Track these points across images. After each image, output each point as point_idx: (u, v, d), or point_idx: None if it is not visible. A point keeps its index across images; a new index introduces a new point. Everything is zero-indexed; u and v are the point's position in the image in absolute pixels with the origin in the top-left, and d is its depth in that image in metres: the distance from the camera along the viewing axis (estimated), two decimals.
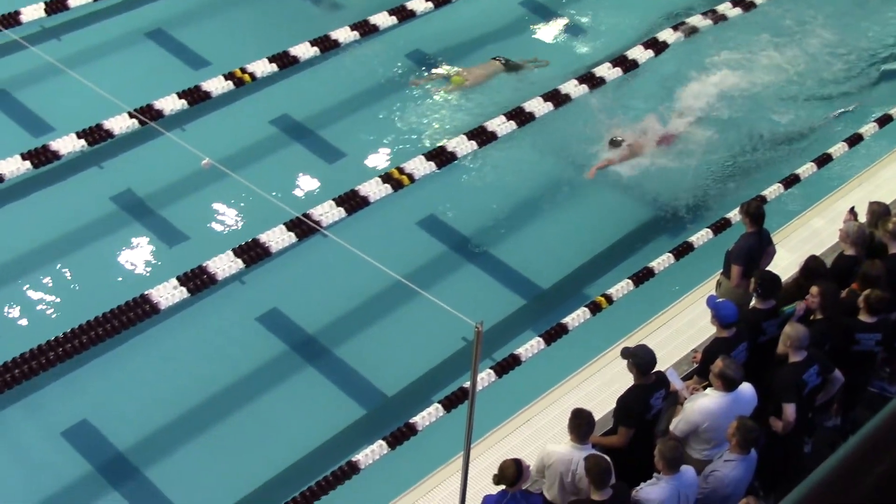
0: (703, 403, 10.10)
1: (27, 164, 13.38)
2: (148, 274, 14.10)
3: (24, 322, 13.49)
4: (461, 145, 15.79)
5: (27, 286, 13.93)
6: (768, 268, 12.15)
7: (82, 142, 13.76)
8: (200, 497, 11.95)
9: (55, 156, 13.62)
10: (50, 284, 13.99)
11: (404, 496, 11.24)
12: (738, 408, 10.12)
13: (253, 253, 13.89)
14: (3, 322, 13.46)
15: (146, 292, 13.05)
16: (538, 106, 15.80)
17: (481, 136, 15.58)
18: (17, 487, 11.85)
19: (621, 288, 13.82)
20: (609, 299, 13.69)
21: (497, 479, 9.39)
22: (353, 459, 11.57)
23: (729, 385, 10.06)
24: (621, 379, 10.87)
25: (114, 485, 11.98)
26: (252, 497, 11.86)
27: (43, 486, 11.89)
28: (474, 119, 16.27)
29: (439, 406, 12.18)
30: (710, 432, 10.16)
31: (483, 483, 10.66)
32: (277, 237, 14.12)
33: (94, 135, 13.84)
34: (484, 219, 15.52)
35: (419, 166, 15.47)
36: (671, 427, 10.24)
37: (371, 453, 11.65)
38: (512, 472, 9.26)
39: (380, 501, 11.19)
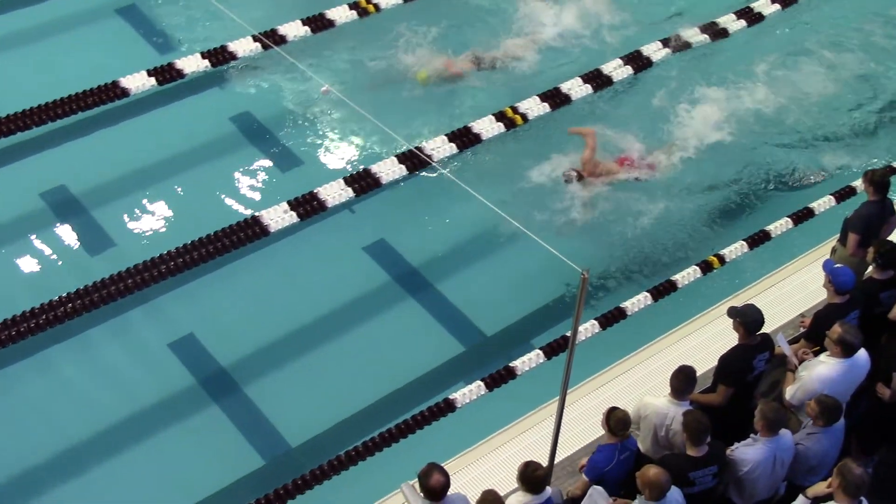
0: (822, 371, 9.85)
1: (152, 80, 13.63)
2: (260, 197, 14.27)
3: (145, 232, 13.93)
4: (576, 88, 15.66)
5: (147, 200, 14.36)
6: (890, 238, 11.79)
7: (206, 62, 13.96)
8: (297, 415, 12.20)
9: (179, 74, 13.85)
10: (167, 201, 14.36)
11: (497, 435, 11.33)
12: (854, 374, 9.91)
13: (364, 182, 14.00)
14: (123, 232, 13.92)
15: (257, 214, 13.32)
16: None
17: (597, 79, 15.35)
18: (125, 386, 12.35)
19: (735, 249, 13.58)
20: (722, 259, 13.47)
21: None
22: (451, 397, 11.66)
23: (848, 351, 9.82)
24: (724, 338, 10.72)
25: (214, 398, 12.34)
26: (351, 420, 12.11)
27: (151, 388, 12.38)
28: (591, 60, 15.99)
29: (540, 353, 12.15)
30: None
31: (577, 429, 10.77)
32: (389, 168, 14.25)
33: (218, 56, 14.01)
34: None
35: (534, 106, 15.37)
36: (787, 396, 10.01)
37: (469, 392, 11.71)
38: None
39: (473, 440, 11.29)
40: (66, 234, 13.96)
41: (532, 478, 8.78)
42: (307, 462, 11.19)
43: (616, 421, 9.40)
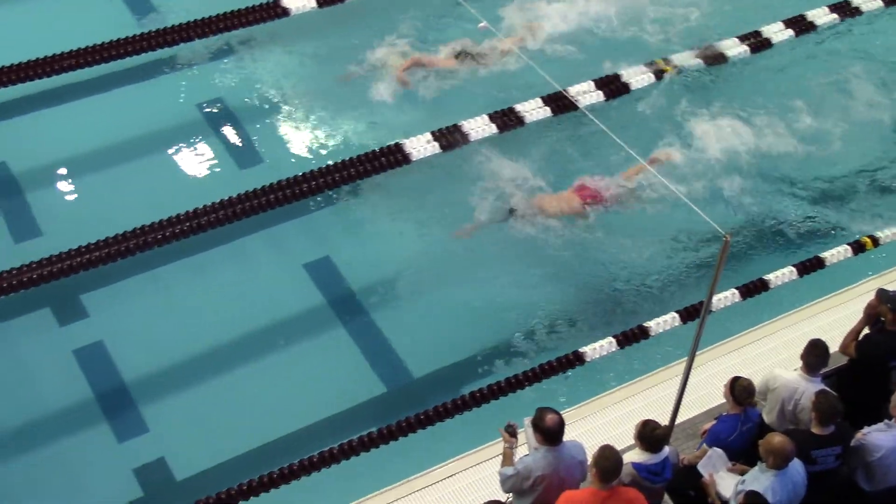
0: None
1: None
2: (404, 126, 14.23)
3: (289, 154, 14.09)
4: (734, 48, 15.27)
5: (289, 123, 14.49)
6: None
7: None
8: (431, 355, 12.24)
9: None
10: (314, 124, 14.44)
11: (619, 390, 11.30)
12: None
13: (507, 119, 14.01)
14: (270, 153, 14.08)
15: (401, 141, 13.40)
16: None
17: (752, 38, 15.25)
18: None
19: (893, 233, 13.19)
20: (875, 241, 13.04)
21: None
22: (581, 350, 11.58)
23: None
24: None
25: (344, 322, 12.51)
26: (478, 361, 12.07)
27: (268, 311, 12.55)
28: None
29: (676, 315, 11.99)
30: None
31: (701, 392, 10.62)
32: (533, 108, 14.15)
33: None
34: (748, 127, 14.78)
35: (686, 60, 15.04)
36: None
37: (599, 348, 11.64)
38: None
39: (596, 391, 11.30)
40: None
41: (651, 437, 8.73)
42: (434, 399, 11.33)
43: (740, 389, 9.26)
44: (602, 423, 10.82)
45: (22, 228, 12.85)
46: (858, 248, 12.97)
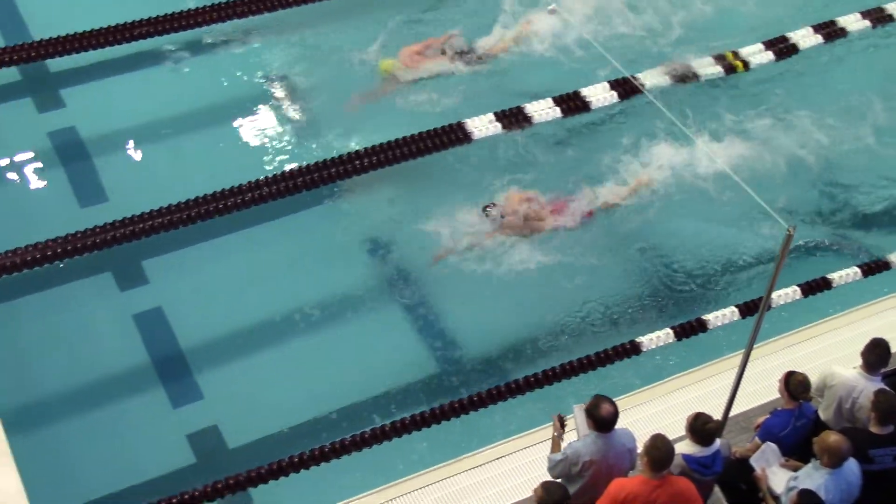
0: None
1: None
2: (465, 105, 14.15)
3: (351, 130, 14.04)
4: (807, 38, 15.06)
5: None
6: None
7: None
8: (485, 342, 12.23)
9: None
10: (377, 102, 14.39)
11: (673, 379, 11.21)
12: None
13: (572, 104, 13.96)
14: (330, 128, 14.01)
15: (462, 121, 13.41)
16: None
17: (827, 27, 15.04)
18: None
19: None
20: None
21: None
22: (638, 340, 11.56)
23: None
24: None
25: (400, 298, 12.54)
26: (537, 348, 12.03)
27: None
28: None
29: (735, 310, 11.91)
30: None
31: (757, 386, 10.49)
32: (599, 93, 14.07)
33: None
34: (817, 122, 14.52)
35: (756, 55, 14.87)
36: None
37: (656, 338, 11.60)
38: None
39: (652, 379, 11.25)
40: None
41: (702, 430, 8.63)
42: (489, 381, 11.43)
43: (796, 384, 9.14)
44: (655, 412, 10.74)
45: (88, 193, 13.02)
46: None
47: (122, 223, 11.97)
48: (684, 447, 8.69)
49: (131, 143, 13.73)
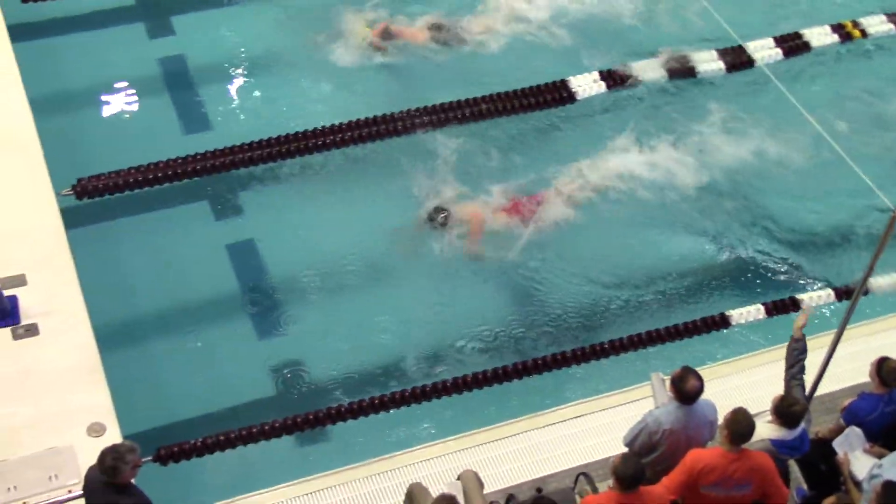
0: None
1: None
2: (571, 64, 14.02)
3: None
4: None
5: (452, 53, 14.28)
6: None
7: None
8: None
9: None
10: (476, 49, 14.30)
11: (757, 354, 11.10)
12: None
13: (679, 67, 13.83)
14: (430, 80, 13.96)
15: (566, 78, 13.32)
16: None
17: None
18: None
19: None
20: None
21: None
22: (728, 313, 11.46)
23: None
24: None
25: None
26: (627, 315, 11.92)
27: None
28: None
29: (832, 293, 11.72)
30: None
31: (846, 367, 10.30)
32: (706, 59, 13.89)
33: None
34: None
35: (876, 24, 14.48)
36: None
37: (746, 313, 11.48)
38: None
39: (740, 352, 11.16)
40: None
41: (788, 412, 8.51)
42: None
43: (888, 370, 8.95)
44: (738, 384, 10.64)
45: (192, 121, 13.22)
46: None
47: (222, 152, 12.21)
48: (771, 431, 8.55)
49: (237, 74, 13.86)
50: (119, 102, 13.28)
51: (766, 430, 8.53)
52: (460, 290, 11.89)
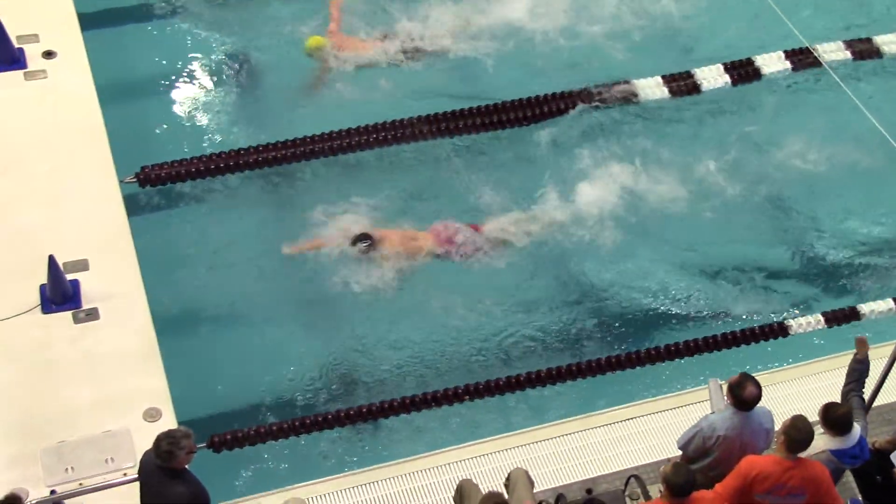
0: None
1: None
2: (634, 66, 13.87)
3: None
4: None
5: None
6: None
7: None
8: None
9: None
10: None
11: (815, 362, 10.98)
12: None
13: (743, 71, 13.65)
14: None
15: (631, 80, 13.27)
16: None
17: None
18: None
19: None
20: None
21: None
22: (787, 322, 11.35)
23: None
24: None
25: None
26: (683, 319, 11.85)
27: None
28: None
29: (892, 302, 11.53)
30: None
31: None
32: (773, 62, 13.74)
33: None
34: None
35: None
36: None
37: (806, 323, 11.36)
38: None
39: (796, 360, 11.07)
40: None
41: (834, 420, 8.30)
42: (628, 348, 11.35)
43: None
44: (796, 392, 10.55)
45: (254, 113, 13.26)
46: None
47: (283, 144, 12.31)
48: (829, 443, 8.36)
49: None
50: (184, 92, 13.37)
51: (822, 441, 8.38)
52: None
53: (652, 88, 13.32)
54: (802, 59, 13.67)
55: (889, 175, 12.78)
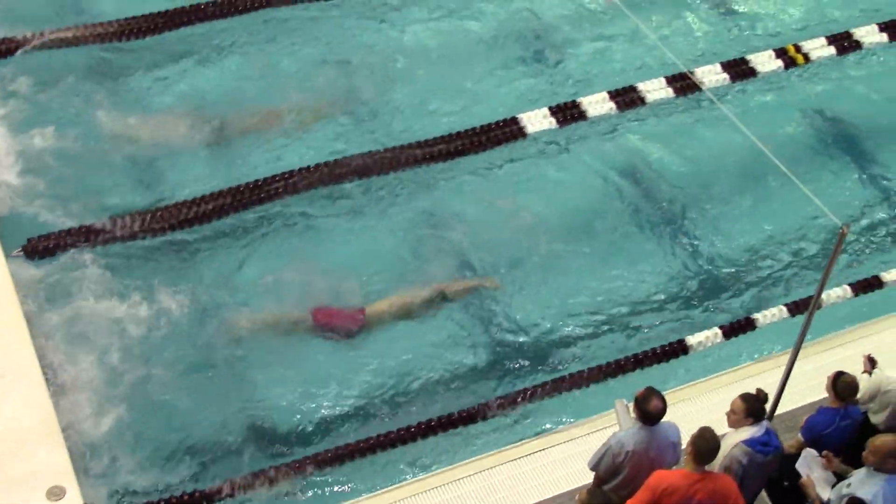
0: None
1: None
2: (522, 99, 14.04)
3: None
4: (871, 35, 14.88)
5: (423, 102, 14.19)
6: None
7: None
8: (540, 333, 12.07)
9: None
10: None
11: (719, 376, 11.14)
12: None
13: (627, 98, 13.89)
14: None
15: (517, 115, 13.39)
16: None
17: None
18: None
19: None
20: None
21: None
22: (686, 340, 11.53)
23: None
24: None
25: None
26: (585, 345, 11.87)
27: None
28: None
29: (784, 309, 11.82)
30: None
31: (804, 385, 10.36)
32: (655, 87, 14.01)
33: None
34: (875, 120, 14.41)
35: (818, 48, 14.72)
36: None
37: (705, 339, 11.56)
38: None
39: (697, 377, 11.19)
40: None
41: (758, 408, 8.60)
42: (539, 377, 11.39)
43: (843, 385, 9.07)
44: (700, 407, 10.68)
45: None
46: None
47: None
48: (742, 434, 8.58)
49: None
50: (67, 159, 12.89)
51: (736, 436, 8.60)
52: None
53: (540, 120, 13.47)
54: (683, 83, 14.00)
55: (767, 187, 13.15)
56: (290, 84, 13.79)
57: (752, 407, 8.59)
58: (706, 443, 8.02)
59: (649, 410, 8.33)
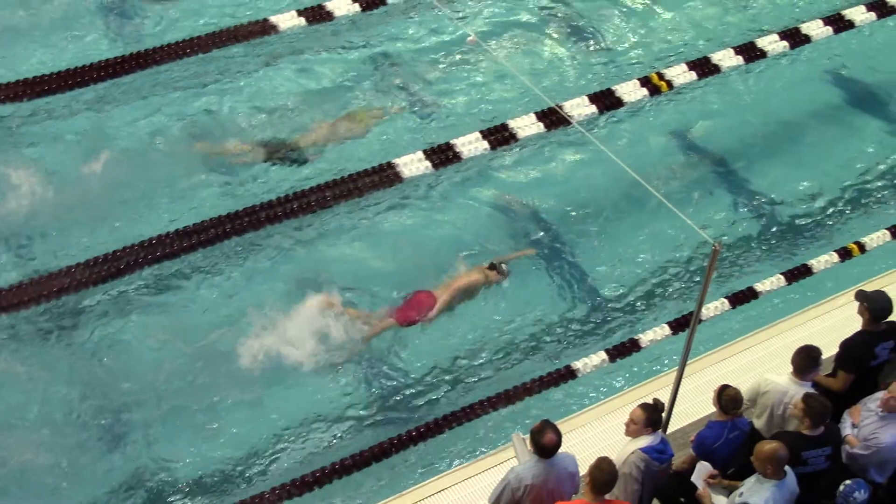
0: None
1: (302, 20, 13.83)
2: (396, 143, 14.27)
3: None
4: (728, 58, 15.33)
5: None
6: None
7: (356, 6, 14.03)
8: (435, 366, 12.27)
9: (329, 16, 13.97)
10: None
11: (609, 401, 11.35)
12: None
13: (500, 136, 14.04)
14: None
15: (393, 160, 13.45)
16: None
17: (749, 51, 14.97)
18: None
19: (878, 237, 13.28)
20: (862, 248, 13.16)
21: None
22: (573, 365, 11.69)
23: None
24: (851, 324, 10.38)
25: None
26: (473, 376, 12.12)
27: None
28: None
29: (666, 327, 12.09)
30: None
31: (693, 401, 10.65)
32: (526, 124, 14.22)
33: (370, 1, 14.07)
34: (739, 138, 15.00)
35: (680, 74, 15.10)
36: None
37: (590, 362, 11.73)
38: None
39: (587, 404, 11.41)
40: None
41: (658, 417, 8.92)
42: (430, 414, 11.49)
43: (727, 399, 9.33)
44: (594, 433, 10.87)
45: None
46: (845, 254, 13.11)
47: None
48: (640, 443, 8.86)
49: None
50: None
51: (634, 444, 8.90)
52: None
53: (415, 164, 13.57)
54: (553, 118, 14.25)
55: (645, 211, 13.57)
56: None
57: (651, 417, 8.88)
58: (603, 474, 8.19)
59: (544, 444, 8.48)
